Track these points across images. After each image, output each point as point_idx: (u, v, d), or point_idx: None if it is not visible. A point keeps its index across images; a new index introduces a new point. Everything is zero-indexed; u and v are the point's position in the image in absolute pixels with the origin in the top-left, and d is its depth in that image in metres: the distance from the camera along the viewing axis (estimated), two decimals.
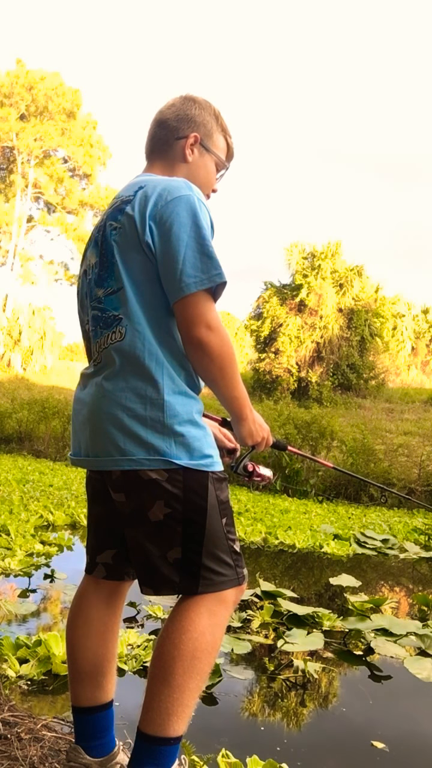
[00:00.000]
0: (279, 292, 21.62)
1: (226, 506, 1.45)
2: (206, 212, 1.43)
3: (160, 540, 1.40)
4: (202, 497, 1.40)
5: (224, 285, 1.39)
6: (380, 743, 2.08)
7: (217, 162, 1.64)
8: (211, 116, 1.62)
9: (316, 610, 3.26)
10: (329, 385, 19.17)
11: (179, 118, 1.58)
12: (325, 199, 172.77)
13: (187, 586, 1.40)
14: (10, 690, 2.18)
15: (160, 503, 1.38)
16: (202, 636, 1.38)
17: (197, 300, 1.35)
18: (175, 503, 1.38)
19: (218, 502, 1.42)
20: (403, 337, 28.02)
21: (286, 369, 19.90)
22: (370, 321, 20.89)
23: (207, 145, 1.60)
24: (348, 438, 9.10)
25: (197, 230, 1.37)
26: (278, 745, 2.02)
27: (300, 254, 21.78)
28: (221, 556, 1.42)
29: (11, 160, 31.44)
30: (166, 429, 1.36)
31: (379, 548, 5.34)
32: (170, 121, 1.58)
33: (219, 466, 1.44)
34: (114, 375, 1.40)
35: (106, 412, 1.39)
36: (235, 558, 1.45)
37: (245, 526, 5.62)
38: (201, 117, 1.60)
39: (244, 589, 1.49)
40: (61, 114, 30.70)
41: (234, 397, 1.43)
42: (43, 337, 26.59)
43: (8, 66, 31.11)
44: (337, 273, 20.84)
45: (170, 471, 1.37)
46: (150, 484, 1.38)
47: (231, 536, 1.45)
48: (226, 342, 1.37)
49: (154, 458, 1.36)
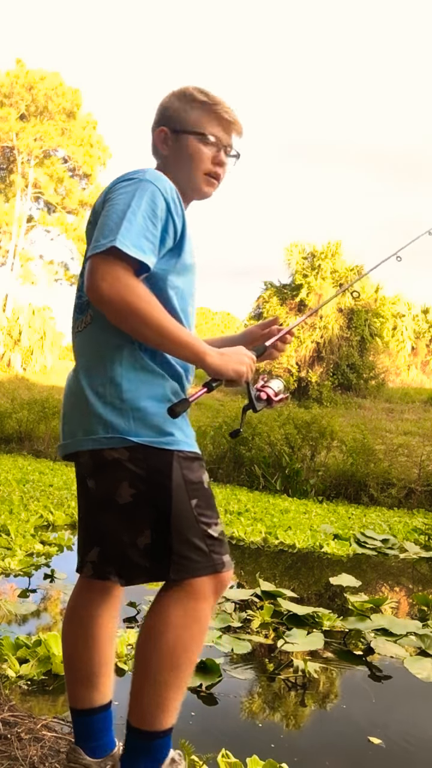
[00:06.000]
0: (279, 292, 21.62)
1: (197, 487, 1.40)
2: (152, 197, 1.36)
3: (130, 524, 1.38)
4: (166, 476, 1.36)
5: (126, 254, 1.27)
6: (377, 739, 2.08)
7: (207, 142, 1.54)
8: (184, 100, 1.56)
9: (316, 610, 3.26)
10: (329, 385, 19.17)
11: (155, 115, 1.60)
12: (325, 199, 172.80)
13: (157, 572, 1.37)
14: (10, 690, 2.18)
15: (125, 484, 1.37)
16: (178, 630, 1.36)
17: (94, 263, 1.30)
18: (140, 484, 1.36)
19: (185, 482, 1.38)
20: (403, 337, 28.00)
21: (286, 369, 19.89)
22: (370, 321, 20.89)
23: (183, 128, 1.54)
24: (348, 438, 9.10)
25: (125, 205, 1.34)
26: (278, 745, 2.02)
27: (300, 254, 21.78)
28: (193, 541, 1.37)
29: (11, 160, 31.42)
30: (124, 406, 1.35)
31: (379, 548, 5.34)
32: (153, 122, 1.61)
33: (187, 446, 1.40)
34: (84, 358, 1.45)
35: (75, 394, 1.43)
36: (211, 543, 1.39)
37: (245, 526, 5.62)
38: (170, 104, 1.57)
39: (225, 578, 1.42)
40: (61, 114, 30.68)
41: (177, 345, 1.33)
42: (43, 337, 26.56)
43: (8, 66, 31.05)
44: (337, 273, 20.84)
45: (131, 449, 1.35)
46: (113, 465, 1.37)
47: (204, 519, 1.39)
48: (130, 295, 1.28)
49: (112, 436, 1.35)
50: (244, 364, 1.42)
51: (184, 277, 1.48)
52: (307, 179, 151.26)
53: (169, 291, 1.44)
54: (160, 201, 1.38)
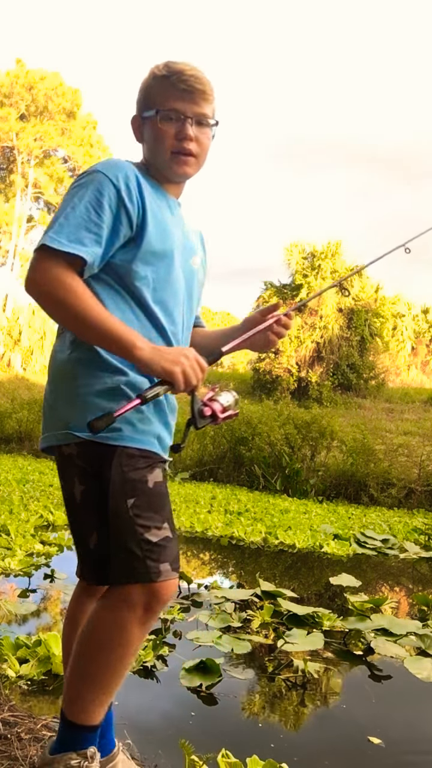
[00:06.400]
0: (279, 292, 21.60)
1: (136, 485, 1.31)
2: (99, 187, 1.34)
3: (83, 524, 1.36)
4: (105, 473, 1.32)
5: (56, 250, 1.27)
6: (377, 739, 2.08)
7: (167, 118, 1.44)
8: (146, 80, 1.48)
9: (316, 610, 3.26)
10: (329, 385, 19.16)
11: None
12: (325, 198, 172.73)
13: (96, 576, 1.35)
14: (10, 690, 2.18)
15: (76, 481, 1.35)
16: (99, 633, 1.33)
17: (30, 261, 1.31)
18: (88, 480, 1.34)
19: (124, 479, 1.31)
20: (403, 337, 27.99)
21: (286, 369, 19.89)
22: (370, 321, 20.88)
23: (146, 110, 1.47)
24: (348, 438, 9.09)
25: (67, 202, 1.34)
26: (278, 745, 2.02)
27: (300, 254, 21.76)
28: (127, 544, 1.29)
29: (11, 160, 31.42)
30: (77, 401, 1.34)
31: (379, 548, 5.34)
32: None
33: (134, 441, 1.34)
34: (53, 354, 1.45)
35: (46, 391, 1.44)
36: (147, 549, 1.29)
37: (245, 526, 5.62)
38: (139, 89, 1.51)
39: (159, 589, 1.31)
40: (61, 114, 30.68)
41: (103, 336, 1.28)
42: (43, 337, 26.53)
43: (8, 66, 31.03)
44: (337, 273, 20.82)
45: (80, 445, 1.33)
46: (68, 461, 1.36)
47: (142, 522, 1.30)
48: (57, 289, 1.27)
49: (66, 432, 1.34)
50: (178, 364, 1.28)
51: (154, 265, 1.41)
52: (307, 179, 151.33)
53: (135, 282, 1.38)
54: (107, 190, 1.34)
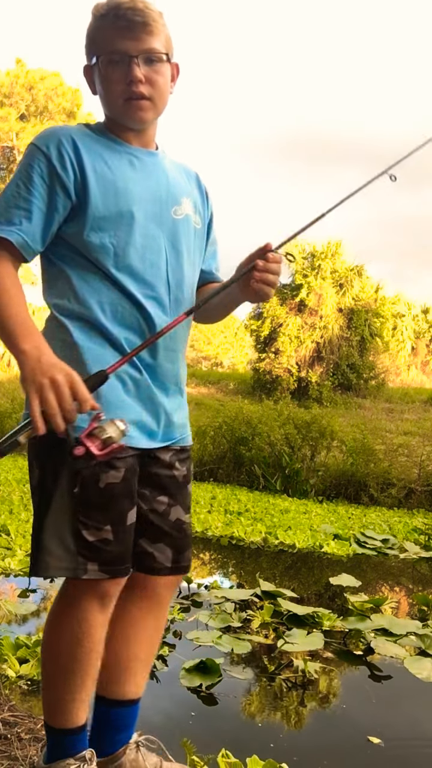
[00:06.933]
0: (279, 291, 21.59)
1: (83, 478, 1.25)
2: (29, 159, 1.30)
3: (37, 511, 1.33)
4: (45, 461, 1.28)
5: None
6: (377, 739, 2.08)
7: (111, 61, 1.31)
8: (88, 28, 1.37)
9: (316, 610, 3.26)
10: (329, 385, 19.16)
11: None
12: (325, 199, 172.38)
13: (30, 567, 1.32)
14: (10, 690, 2.18)
15: (34, 465, 1.32)
16: (48, 632, 1.35)
17: None
18: (34, 468, 1.31)
19: (69, 470, 1.25)
20: (403, 337, 27.98)
21: (286, 369, 19.89)
22: (370, 321, 20.88)
23: (91, 58, 1.37)
24: (348, 438, 9.08)
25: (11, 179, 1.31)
26: (278, 745, 2.02)
27: (300, 254, 21.77)
28: (63, 535, 1.25)
29: (11, 160, 31.41)
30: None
31: (379, 548, 5.34)
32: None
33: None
34: None
35: None
36: (82, 545, 1.25)
37: (245, 526, 5.62)
38: (84, 41, 1.39)
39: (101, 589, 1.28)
40: (61, 114, 30.68)
41: (2, 328, 1.22)
42: None
43: (8, 66, 31.04)
44: (337, 273, 20.83)
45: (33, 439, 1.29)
46: (30, 445, 1.32)
47: (82, 518, 1.26)
48: None
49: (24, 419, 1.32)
50: (40, 386, 1.13)
51: (109, 231, 1.30)
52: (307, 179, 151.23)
53: (92, 254, 1.30)
54: (37, 160, 1.28)
